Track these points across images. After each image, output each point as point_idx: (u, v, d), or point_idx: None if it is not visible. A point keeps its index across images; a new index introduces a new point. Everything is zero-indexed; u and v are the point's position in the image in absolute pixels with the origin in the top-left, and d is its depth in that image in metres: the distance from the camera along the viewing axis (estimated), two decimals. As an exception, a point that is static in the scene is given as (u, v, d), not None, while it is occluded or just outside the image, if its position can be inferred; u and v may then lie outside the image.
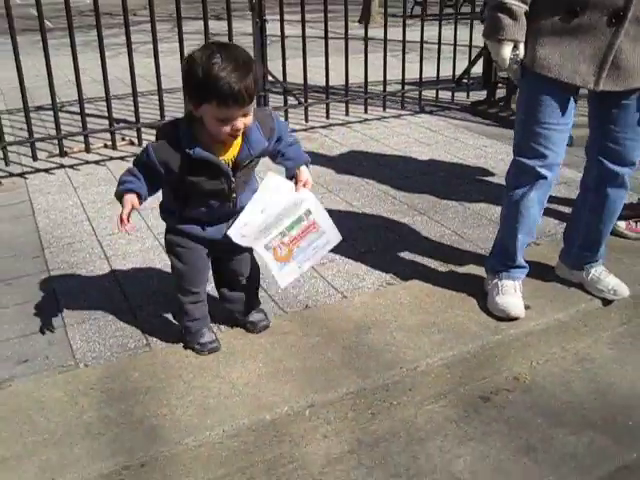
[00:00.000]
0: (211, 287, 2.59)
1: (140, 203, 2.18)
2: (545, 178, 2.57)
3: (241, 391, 2.26)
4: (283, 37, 4.88)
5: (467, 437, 2.35)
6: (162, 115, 4.79)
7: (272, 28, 5.28)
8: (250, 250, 2.40)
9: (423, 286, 2.89)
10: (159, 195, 2.33)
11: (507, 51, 2.41)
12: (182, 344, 2.48)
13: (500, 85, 5.76)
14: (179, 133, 2.12)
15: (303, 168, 2.30)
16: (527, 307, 2.73)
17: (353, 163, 4.52)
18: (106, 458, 2.00)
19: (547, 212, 3.60)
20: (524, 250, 2.77)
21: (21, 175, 4.47)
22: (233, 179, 2.19)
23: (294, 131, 5.21)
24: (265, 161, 2.34)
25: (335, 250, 2.53)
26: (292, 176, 2.30)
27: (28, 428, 2.11)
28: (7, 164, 4.54)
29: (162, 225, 2.43)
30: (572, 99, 2.49)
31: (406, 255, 3.24)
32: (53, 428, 2.11)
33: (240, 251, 2.40)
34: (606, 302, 2.83)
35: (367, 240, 3.39)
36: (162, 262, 3.14)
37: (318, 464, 2.22)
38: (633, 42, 2.31)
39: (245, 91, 1.98)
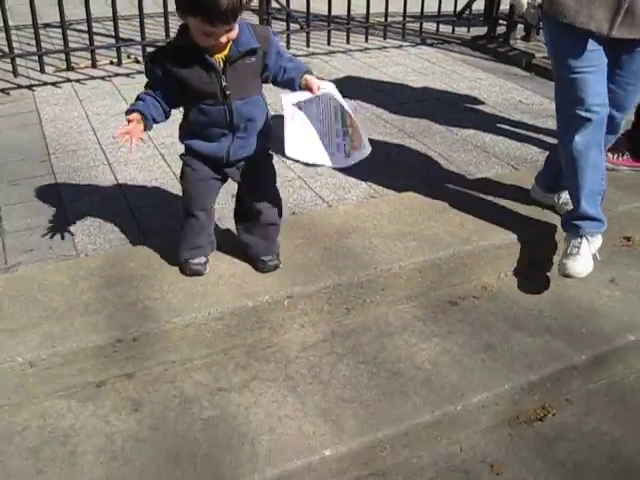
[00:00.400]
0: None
1: (147, 126, 2.25)
2: (590, 120, 2.56)
3: (227, 281, 2.47)
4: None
5: (432, 334, 2.57)
6: (167, 34, 4.91)
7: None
8: (272, 190, 2.48)
9: (403, 199, 3.08)
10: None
11: None
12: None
13: (501, 21, 5.82)
14: (173, 42, 2.26)
15: (308, 75, 2.28)
16: (499, 223, 2.91)
17: (350, 89, 4.64)
18: (102, 332, 2.23)
19: (530, 140, 3.81)
20: (596, 201, 2.75)
21: (29, 87, 4.61)
22: (223, 76, 2.21)
23: (295, 56, 5.32)
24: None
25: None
26: (299, 87, 2.28)
27: (33, 305, 2.33)
28: (15, 76, 4.69)
29: (162, 136, 2.63)
30: (595, 41, 2.48)
31: (391, 172, 3.42)
32: (55, 306, 2.33)
33: (257, 187, 2.45)
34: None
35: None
36: (161, 169, 3.33)
37: (294, 350, 2.45)
38: None
39: (230, 10, 2.00)
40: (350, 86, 4.69)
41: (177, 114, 2.36)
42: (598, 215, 2.75)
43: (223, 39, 2.11)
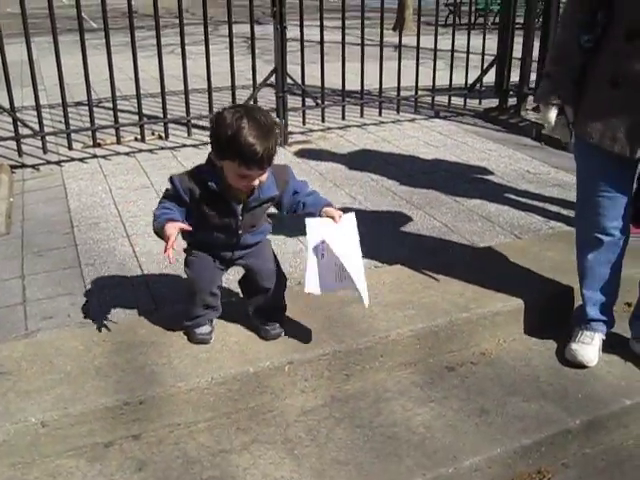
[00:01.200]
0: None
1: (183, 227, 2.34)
2: (602, 242, 2.69)
3: (231, 348, 2.60)
4: (302, 42, 5.23)
5: (428, 399, 2.66)
6: (188, 111, 5.17)
7: (296, 34, 5.59)
8: (274, 266, 2.62)
9: (405, 270, 3.21)
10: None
11: (552, 114, 2.62)
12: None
13: (511, 93, 6.02)
14: (201, 170, 2.36)
15: (328, 208, 2.50)
16: (498, 290, 3.02)
17: (363, 162, 4.85)
18: (111, 395, 2.36)
19: (535, 209, 3.93)
20: (604, 307, 2.88)
21: (57, 163, 4.88)
22: (240, 217, 2.39)
23: (311, 131, 5.57)
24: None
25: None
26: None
27: (48, 369, 2.48)
28: (45, 152, 4.96)
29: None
30: (623, 168, 2.58)
31: (396, 243, 3.56)
32: (69, 370, 2.47)
33: (260, 266, 2.59)
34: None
35: (361, 229, 3.70)
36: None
37: (294, 414, 2.55)
38: None
39: (266, 155, 2.18)
40: (362, 159, 4.89)
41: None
42: (606, 318, 2.89)
43: (256, 182, 2.29)
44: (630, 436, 2.72)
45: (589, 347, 2.85)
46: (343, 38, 5.42)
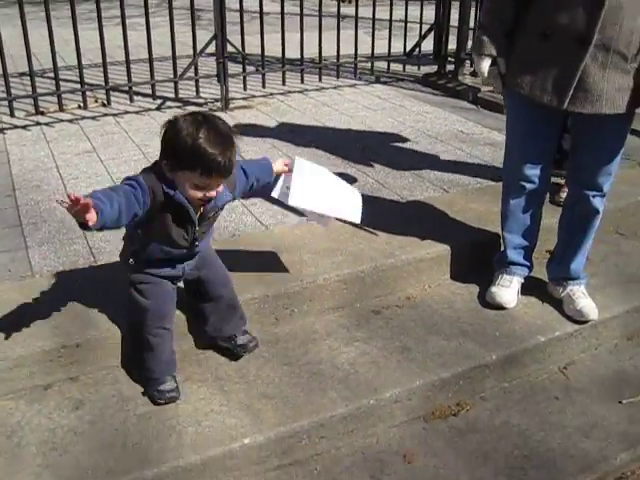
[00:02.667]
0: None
1: (95, 221, 1.95)
2: (524, 188, 2.84)
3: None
4: (242, 10, 5.33)
5: (354, 339, 2.82)
6: (129, 78, 5.23)
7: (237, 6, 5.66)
8: (224, 269, 2.60)
9: (336, 222, 3.35)
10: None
11: (485, 64, 2.71)
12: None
13: (449, 59, 6.18)
14: (162, 174, 2.18)
15: (274, 167, 2.58)
16: (424, 238, 3.19)
17: (302, 124, 4.98)
18: (49, 338, 2.48)
19: (464, 166, 4.10)
20: (524, 252, 3.05)
21: (0, 131, 4.90)
22: (197, 228, 2.31)
23: (253, 97, 5.67)
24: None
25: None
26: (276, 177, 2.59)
27: (-12, 318, 2.58)
28: (-14, 120, 4.99)
29: (120, 172, 2.82)
30: (550, 119, 2.69)
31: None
32: (8, 318, 2.58)
33: (213, 274, 2.55)
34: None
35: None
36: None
37: (225, 355, 2.69)
38: (602, 68, 2.46)
39: (228, 164, 2.13)
40: (302, 122, 5.01)
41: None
42: (526, 263, 3.08)
43: (213, 192, 2.20)
44: (544, 370, 2.93)
45: (508, 290, 3.03)
46: (282, 8, 5.52)
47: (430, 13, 6.46)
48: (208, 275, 2.52)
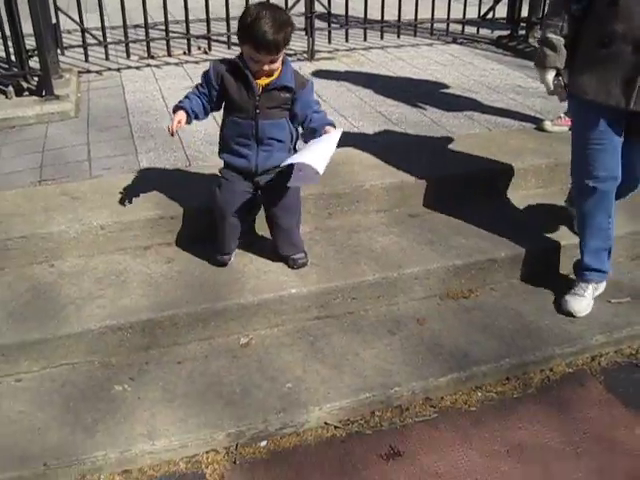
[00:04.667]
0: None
1: (189, 120, 2.84)
2: (596, 189, 2.96)
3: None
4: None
5: (389, 233, 3.47)
6: (228, 28, 6.00)
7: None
8: (286, 201, 2.98)
9: (383, 145, 4.01)
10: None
11: (550, 77, 2.89)
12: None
13: (522, 24, 6.65)
14: (232, 59, 2.81)
15: (328, 127, 2.84)
16: (458, 163, 3.79)
17: (376, 73, 5.64)
18: (151, 210, 3.27)
19: (511, 112, 4.63)
20: (600, 255, 3.17)
21: (117, 70, 5.75)
22: (258, 97, 2.75)
23: (337, 50, 6.34)
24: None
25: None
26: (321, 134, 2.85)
27: (108, 196, 3.39)
28: (107, 58, 5.86)
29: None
30: (615, 119, 2.82)
31: (395, 127, 4.35)
32: (122, 197, 3.37)
33: (280, 198, 2.96)
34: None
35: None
36: (208, 123, 4.36)
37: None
38: None
39: (273, 44, 2.56)
40: (376, 73, 5.66)
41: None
42: (602, 267, 3.19)
43: (266, 67, 2.67)
44: (549, 272, 3.47)
45: (580, 299, 3.19)
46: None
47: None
48: (275, 199, 2.97)
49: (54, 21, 5.41)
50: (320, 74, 5.54)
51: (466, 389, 2.85)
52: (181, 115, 2.80)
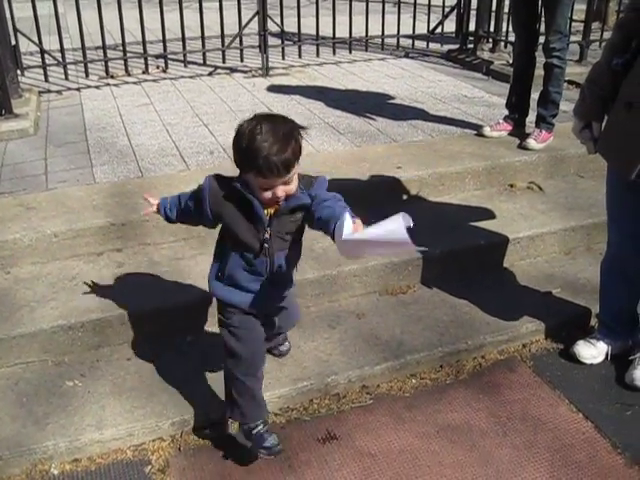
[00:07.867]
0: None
1: (159, 211, 2.44)
2: (612, 253, 2.92)
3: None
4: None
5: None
6: (184, 47, 6.21)
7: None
8: (291, 319, 2.82)
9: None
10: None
11: (577, 127, 2.68)
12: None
13: (470, 37, 6.93)
14: (234, 180, 2.18)
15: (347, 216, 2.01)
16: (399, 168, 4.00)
17: (328, 87, 5.86)
18: (102, 218, 3.43)
19: (456, 121, 4.86)
20: (614, 314, 3.05)
21: (77, 89, 5.94)
22: (268, 229, 2.20)
23: (290, 66, 6.57)
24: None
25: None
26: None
27: (61, 206, 3.55)
28: (66, 78, 6.05)
29: (170, 119, 3.63)
30: (630, 184, 2.52)
31: (332, 133, 4.57)
32: (74, 206, 3.54)
33: (285, 322, 2.77)
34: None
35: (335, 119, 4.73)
36: (164, 139, 4.56)
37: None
38: None
39: (281, 164, 2.00)
40: (329, 86, 5.88)
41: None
42: (614, 325, 3.04)
43: (279, 192, 2.09)
44: (485, 267, 3.67)
45: (590, 347, 3.10)
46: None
47: (452, -3, 7.22)
48: (282, 323, 2.73)
49: (13, 43, 5.57)
50: (273, 89, 5.76)
51: (401, 376, 3.02)
52: (155, 207, 2.46)
